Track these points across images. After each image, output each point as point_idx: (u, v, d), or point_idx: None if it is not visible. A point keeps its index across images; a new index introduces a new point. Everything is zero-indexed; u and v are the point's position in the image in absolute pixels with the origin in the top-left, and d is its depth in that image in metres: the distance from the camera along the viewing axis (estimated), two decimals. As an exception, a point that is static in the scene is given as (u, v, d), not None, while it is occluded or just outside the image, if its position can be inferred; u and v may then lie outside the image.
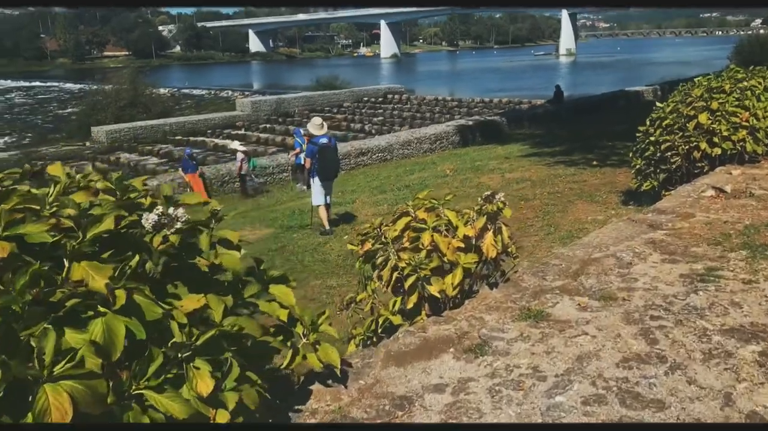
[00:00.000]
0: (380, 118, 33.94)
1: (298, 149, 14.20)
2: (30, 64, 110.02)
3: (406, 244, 3.34)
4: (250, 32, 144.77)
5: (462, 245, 3.36)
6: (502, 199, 3.34)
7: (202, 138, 31.25)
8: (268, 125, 33.64)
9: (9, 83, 74.82)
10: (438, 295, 3.10)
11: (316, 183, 8.39)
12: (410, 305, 3.11)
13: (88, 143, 32.95)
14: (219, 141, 30.00)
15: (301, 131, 15.56)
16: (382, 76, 79.84)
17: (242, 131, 32.91)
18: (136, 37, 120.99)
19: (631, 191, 7.18)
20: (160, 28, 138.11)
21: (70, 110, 48.89)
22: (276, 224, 8.78)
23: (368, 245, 3.55)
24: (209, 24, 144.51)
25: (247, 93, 48.23)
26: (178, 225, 1.74)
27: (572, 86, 44.34)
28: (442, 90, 48.42)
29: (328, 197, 8.58)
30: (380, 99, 39.74)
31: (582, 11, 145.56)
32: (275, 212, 9.92)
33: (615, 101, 27.11)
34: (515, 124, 21.84)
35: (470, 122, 21.94)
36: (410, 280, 3.09)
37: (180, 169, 13.66)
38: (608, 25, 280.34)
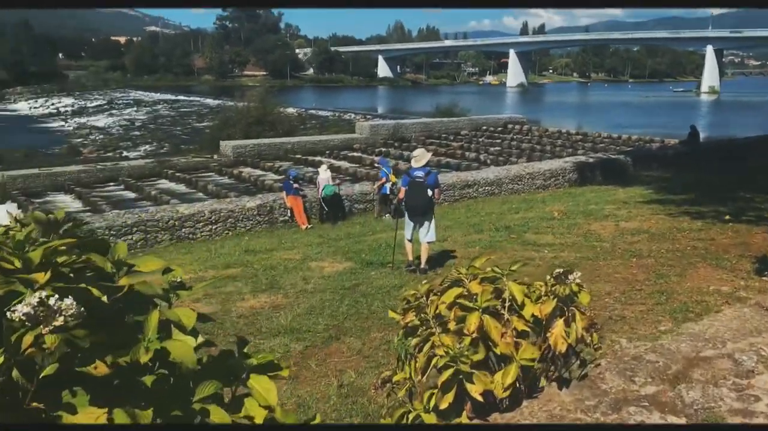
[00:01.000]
0: (497, 148, 33.00)
1: (383, 179, 13.92)
2: (179, 79, 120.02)
3: (452, 324, 2.73)
4: (380, 58, 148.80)
5: (526, 328, 2.70)
6: (578, 280, 2.64)
7: (319, 158, 31.95)
8: (384, 149, 33.83)
9: (158, 96, 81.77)
10: (480, 398, 2.45)
11: (405, 217, 7.93)
12: (444, 406, 2.49)
13: (215, 156, 34.86)
14: (334, 162, 30.54)
15: (387, 160, 15.27)
16: (506, 105, 78.52)
17: (358, 154, 33.33)
18: (274, 59, 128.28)
19: (768, 258, 6.02)
20: (297, 51, 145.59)
21: (205, 123, 52.44)
22: (358, 257, 8.38)
23: (410, 317, 2.97)
24: (342, 48, 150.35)
25: (368, 116, 49.10)
26: (59, 322, 1.28)
27: (712, 127, 40.87)
28: (567, 122, 46.56)
29: (422, 233, 7.99)
30: (499, 129, 38.79)
31: (729, 47, 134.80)
32: (362, 243, 9.55)
33: (760, 148, 24.35)
34: (642, 164, 20.10)
35: (591, 159, 20.53)
36: (446, 374, 2.47)
37: (284, 191, 13.76)
38: (759, 62, 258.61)
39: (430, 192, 7.84)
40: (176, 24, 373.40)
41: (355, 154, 32.81)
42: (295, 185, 13.63)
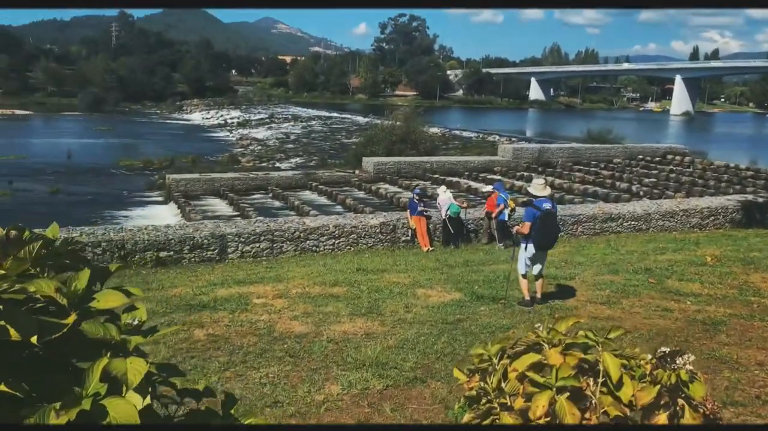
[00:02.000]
0: (652, 179, 30.41)
1: (502, 206, 13.22)
2: (335, 97, 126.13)
3: (520, 400, 2.14)
4: (532, 80, 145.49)
5: (621, 414, 2.06)
6: (691, 365, 1.95)
7: (457, 179, 31.59)
8: (526, 173, 32.64)
9: (314, 112, 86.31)
10: None
11: (527, 250, 7.23)
12: None
13: (357, 172, 35.78)
14: (473, 184, 29.97)
15: (503, 184, 14.37)
16: (667, 134, 72.77)
17: (498, 177, 32.46)
18: (425, 79, 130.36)
19: None
20: (448, 72, 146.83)
21: (353, 140, 54.26)
22: (469, 288, 7.78)
23: (475, 382, 2.42)
24: (494, 70, 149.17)
25: (513, 139, 47.90)
26: None
27: None
28: (737, 156, 41.91)
29: (537, 268, 7.36)
30: (657, 159, 35.81)
31: None
32: (479, 273, 8.91)
33: None
34: (826, 208, 17.31)
35: (761, 199, 18.06)
36: (495, 472, 1.90)
37: (409, 210, 13.48)
38: None
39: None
40: (338, 45, 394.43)
41: (495, 176, 31.98)
42: (421, 206, 13.30)
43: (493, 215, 13.62)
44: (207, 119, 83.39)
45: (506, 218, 12.99)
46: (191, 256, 11.51)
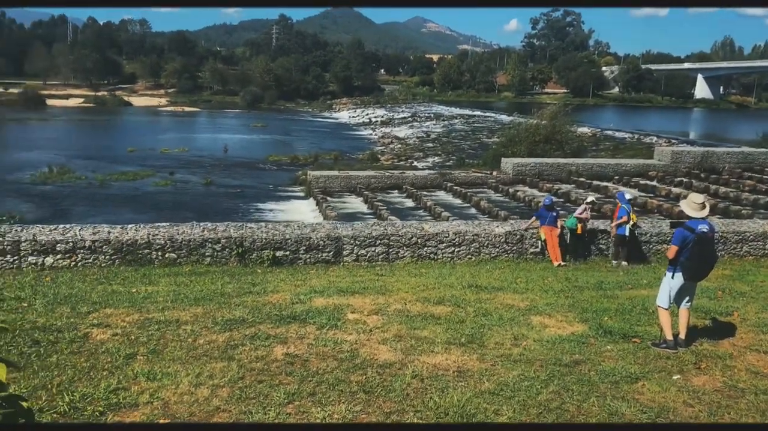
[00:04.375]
0: None
1: (624, 218, 11.62)
2: (480, 95, 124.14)
3: None
4: (699, 77, 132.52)
5: None
6: None
7: (605, 183, 29.24)
8: (685, 179, 29.41)
9: (457, 111, 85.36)
10: None
11: (674, 280, 5.94)
12: None
13: (495, 173, 34.45)
14: (622, 189, 27.50)
15: (626, 195, 12.63)
16: None
17: (653, 182, 29.62)
18: (577, 76, 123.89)
19: None
20: (603, 68, 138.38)
21: (494, 139, 52.61)
22: (597, 320, 6.55)
23: None
24: (654, 66, 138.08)
25: (673, 141, 43.58)
26: None
27: None
28: None
29: (685, 301, 6.04)
30: None
31: None
32: (612, 299, 7.58)
33: None
34: None
35: None
36: None
37: (534, 217, 12.25)
38: None
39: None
40: (486, 42, 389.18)
41: (649, 182, 29.13)
42: (552, 213, 12.02)
43: (612, 228, 12.13)
44: (353, 117, 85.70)
45: (626, 233, 11.67)
46: (307, 257, 11.27)
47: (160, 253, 10.65)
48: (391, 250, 11.56)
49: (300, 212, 28.18)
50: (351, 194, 31.18)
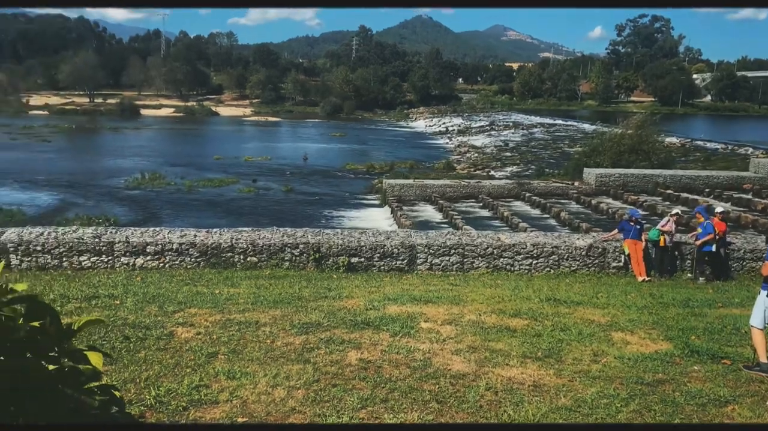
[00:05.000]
0: None
1: (711, 236, 11.14)
2: (561, 103, 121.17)
3: None
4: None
5: None
6: None
7: (694, 197, 27.82)
8: (783, 193, 27.55)
9: (537, 119, 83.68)
10: None
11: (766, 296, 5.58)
12: None
13: (576, 183, 33.50)
14: (713, 202, 26.10)
15: (718, 209, 11.81)
16: None
17: (748, 196, 27.91)
18: (665, 84, 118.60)
19: None
20: (695, 76, 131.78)
21: (576, 148, 51.11)
22: (683, 338, 6.20)
23: None
24: (750, 74, 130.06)
25: (772, 152, 40.92)
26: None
27: None
28: None
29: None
30: None
31: None
32: (701, 317, 7.16)
33: None
34: None
35: None
36: None
37: (616, 230, 11.78)
38: None
39: None
40: (569, 50, 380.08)
41: (743, 196, 27.44)
42: (636, 227, 11.53)
43: (696, 243, 11.45)
44: (430, 126, 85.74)
45: (713, 250, 11.02)
46: (381, 264, 11.35)
47: (242, 256, 11.04)
48: (465, 260, 11.46)
49: (375, 220, 28.45)
50: (426, 203, 31.17)
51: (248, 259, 11.06)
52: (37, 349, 1.48)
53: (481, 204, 30.72)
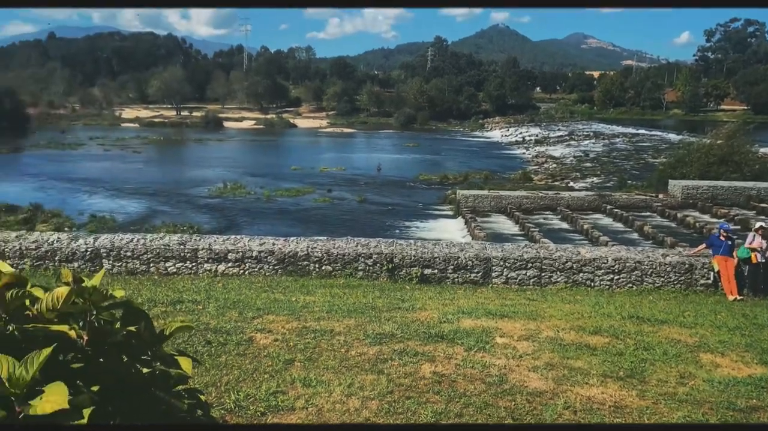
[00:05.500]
0: None
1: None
2: (645, 113, 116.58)
3: None
4: None
5: None
6: None
7: (791, 211, 26.07)
8: None
9: (619, 129, 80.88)
10: None
11: None
12: None
13: (661, 196, 32.11)
14: (813, 218, 24.34)
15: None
16: None
17: None
18: (759, 91, 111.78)
19: None
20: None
21: (660, 159, 49.00)
22: (782, 364, 5.79)
23: None
24: None
25: None
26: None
27: None
28: None
29: None
30: None
31: None
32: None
33: None
34: None
35: None
36: None
37: (704, 245, 11.15)
38: None
39: None
40: (653, 57, 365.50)
41: None
42: (727, 242, 10.88)
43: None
44: (505, 136, 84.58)
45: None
46: (455, 276, 11.26)
47: (317, 265, 11.25)
48: (543, 274, 11.18)
49: (448, 231, 28.29)
50: (501, 215, 30.70)
51: (323, 268, 11.25)
52: (132, 352, 1.55)
53: (559, 216, 29.94)
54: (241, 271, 11.23)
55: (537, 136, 78.75)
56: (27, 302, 1.40)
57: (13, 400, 1.11)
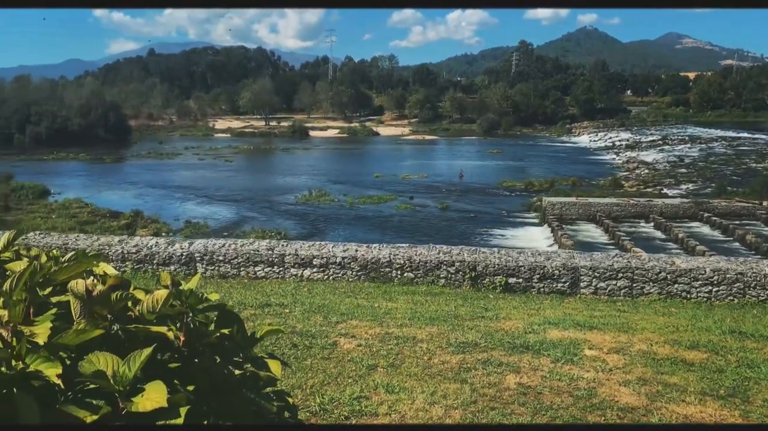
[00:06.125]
0: None
1: None
2: (746, 115, 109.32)
3: None
4: None
5: None
6: None
7: None
8: None
9: (718, 133, 76.33)
10: None
11: None
12: None
13: (765, 203, 30.05)
14: None
15: None
16: None
17: None
18: None
19: None
20: None
21: (765, 164, 45.77)
22: None
23: None
24: None
25: None
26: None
27: None
28: None
29: None
30: None
31: None
32: None
33: None
34: None
35: None
36: None
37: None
38: None
39: None
40: (756, 56, 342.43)
41: None
42: None
43: None
44: (594, 141, 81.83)
45: None
46: (540, 286, 10.97)
47: (399, 272, 11.29)
48: (634, 285, 10.68)
49: (533, 239, 27.66)
50: (589, 223, 29.73)
51: (405, 274, 11.28)
52: (225, 354, 1.61)
53: (651, 224, 28.65)
54: (326, 276, 11.45)
55: (628, 140, 75.67)
56: (129, 303, 1.48)
57: (116, 396, 1.17)
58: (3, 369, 1.10)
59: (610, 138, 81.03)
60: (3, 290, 1.31)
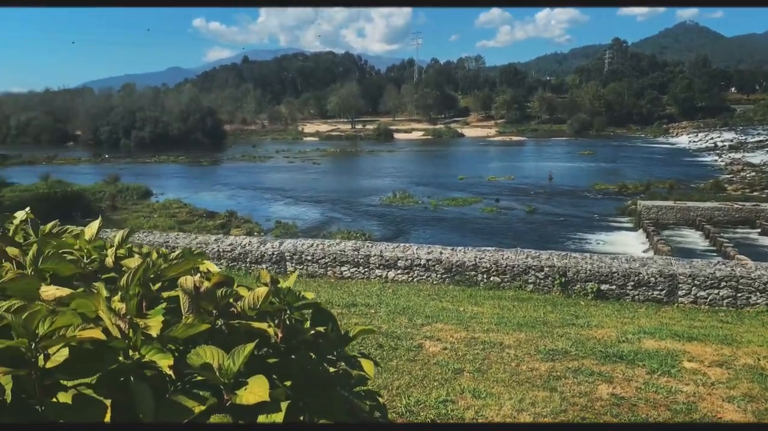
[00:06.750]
0: None
1: None
2: None
3: None
4: None
5: None
6: None
7: None
8: None
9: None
10: None
11: None
12: None
13: None
14: None
15: None
16: None
17: None
18: None
19: None
20: None
21: None
22: None
23: None
24: None
25: None
26: None
27: None
28: None
29: None
30: None
31: None
32: None
33: None
34: None
35: None
36: None
37: None
38: None
39: None
40: None
41: None
42: None
43: None
44: (694, 141, 77.39)
45: None
46: (635, 293, 10.49)
47: (485, 275, 11.14)
48: (739, 294, 10.00)
49: (627, 245, 26.50)
50: (688, 228, 28.17)
51: (491, 278, 11.11)
52: (320, 352, 1.64)
53: (758, 231, 26.75)
54: (410, 278, 11.48)
55: (731, 141, 71.00)
56: (231, 299, 1.54)
57: (221, 389, 1.23)
58: (121, 358, 1.18)
59: (712, 138, 76.34)
60: (120, 284, 1.40)
